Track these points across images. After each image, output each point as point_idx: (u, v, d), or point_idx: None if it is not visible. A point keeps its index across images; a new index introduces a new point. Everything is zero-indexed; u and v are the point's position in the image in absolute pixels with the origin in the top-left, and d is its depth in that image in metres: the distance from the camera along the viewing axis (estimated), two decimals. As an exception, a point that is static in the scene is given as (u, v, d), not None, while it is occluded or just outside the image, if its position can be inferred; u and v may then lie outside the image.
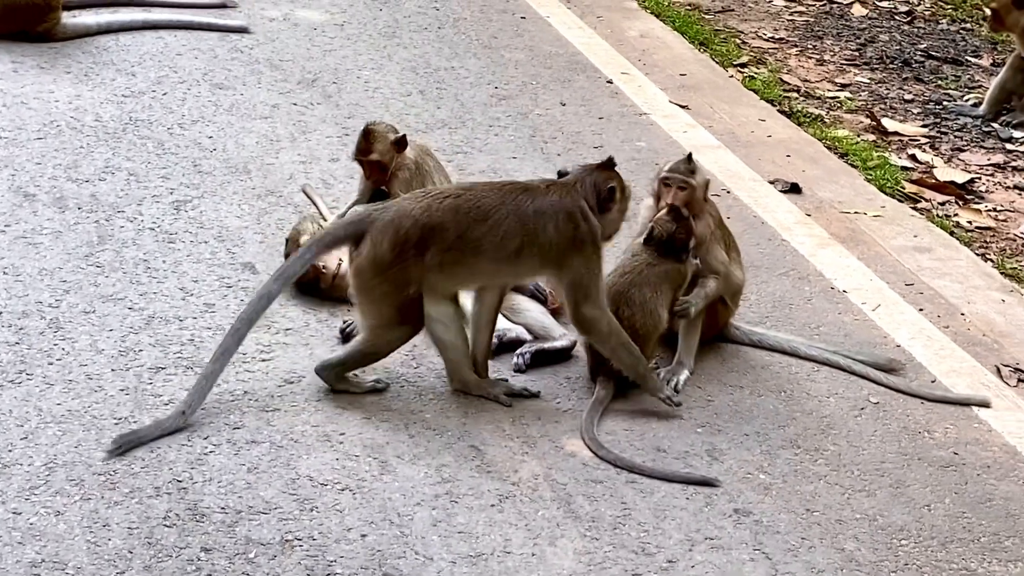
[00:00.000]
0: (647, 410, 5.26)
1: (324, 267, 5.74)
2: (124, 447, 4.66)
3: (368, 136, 6.13)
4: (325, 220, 6.29)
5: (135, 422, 4.81)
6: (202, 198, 6.62)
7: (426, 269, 5.04)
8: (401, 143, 6.13)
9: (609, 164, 5.31)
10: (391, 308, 5.08)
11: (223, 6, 9.47)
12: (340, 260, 5.75)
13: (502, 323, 5.65)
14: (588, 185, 5.21)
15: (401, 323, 5.12)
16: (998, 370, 5.89)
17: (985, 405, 5.56)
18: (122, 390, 5.01)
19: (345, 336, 5.50)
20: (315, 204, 6.58)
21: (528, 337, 5.61)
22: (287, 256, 5.82)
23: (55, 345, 5.25)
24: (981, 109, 9.54)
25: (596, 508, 4.63)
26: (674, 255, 5.43)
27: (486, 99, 8.45)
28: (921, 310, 6.34)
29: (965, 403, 5.57)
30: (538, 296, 5.81)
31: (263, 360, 5.32)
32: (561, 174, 5.30)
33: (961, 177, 8.34)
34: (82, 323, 5.42)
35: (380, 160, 6.11)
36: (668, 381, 5.42)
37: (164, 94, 7.86)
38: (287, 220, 6.41)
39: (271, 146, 7.33)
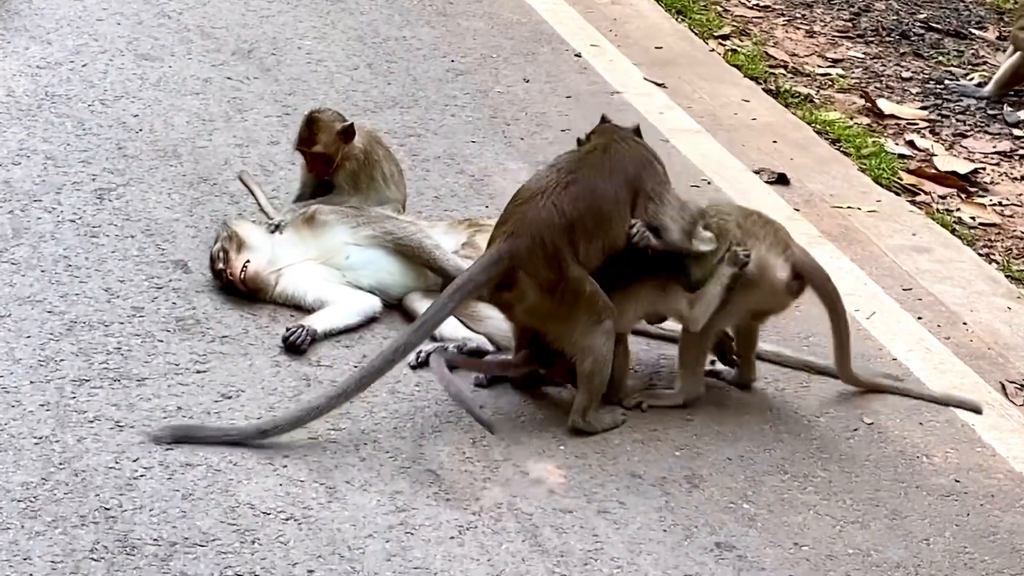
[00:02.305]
0: (622, 432, 5.35)
1: (230, 273, 5.81)
2: (177, 439, 4.92)
3: (312, 126, 6.21)
4: (266, 214, 6.37)
5: (57, 441, 4.86)
6: (128, 186, 6.66)
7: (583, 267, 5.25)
8: (348, 133, 6.21)
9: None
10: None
11: (148, -36, 9.47)
12: (247, 261, 5.82)
13: (461, 332, 5.74)
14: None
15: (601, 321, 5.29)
16: (1003, 387, 6.01)
17: (976, 411, 5.71)
18: (42, 405, 5.05)
19: (289, 345, 5.56)
20: (253, 194, 6.64)
21: (490, 348, 5.69)
22: (213, 273, 5.89)
23: (-33, 353, 5.31)
24: (986, 90, 9.68)
25: (565, 541, 4.71)
26: None
27: (441, 74, 8.51)
28: (920, 318, 6.46)
29: (957, 405, 5.75)
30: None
31: (198, 372, 5.38)
32: (581, 142, 5.55)
33: (964, 167, 8.48)
34: (-4, 328, 5.48)
35: (325, 152, 6.20)
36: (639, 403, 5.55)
37: (84, 65, 7.89)
38: (222, 212, 6.46)
39: (203, 126, 7.37)
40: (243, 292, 5.86)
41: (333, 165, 6.26)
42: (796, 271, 5.54)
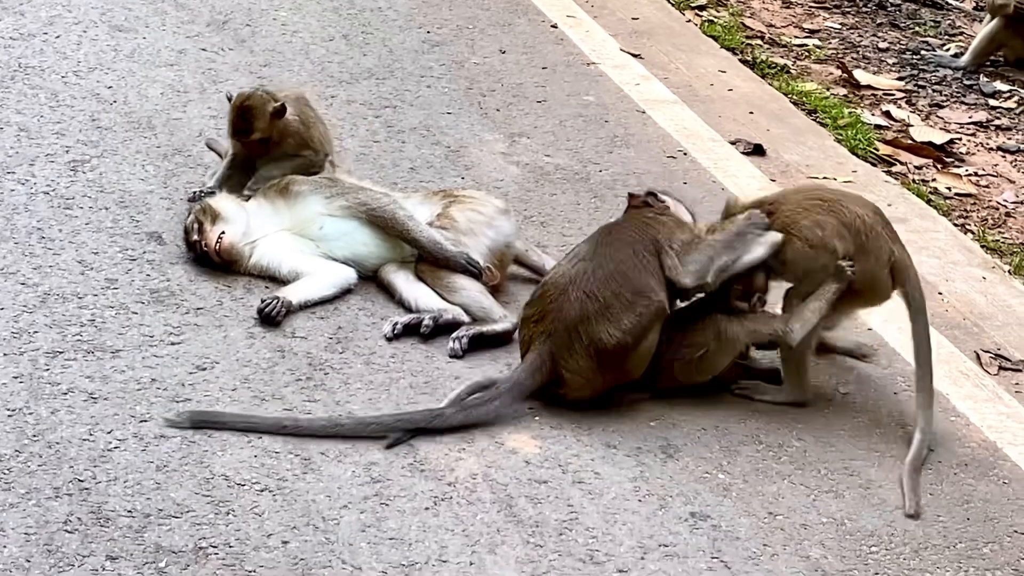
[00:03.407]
0: (596, 403, 5.35)
1: (206, 244, 5.81)
2: (195, 425, 4.90)
3: (246, 115, 6.19)
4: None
5: (31, 413, 4.85)
6: (101, 157, 6.65)
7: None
8: (280, 112, 6.20)
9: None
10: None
11: (122, -65, 9.44)
12: (223, 232, 5.82)
13: (437, 303, 5.75)
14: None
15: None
16: (978, 356, 6.04)
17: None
18: (16, 377, 5.04)
19: (263, 316, 5.56)
20: (222, 158, 6.64)
21: (465, 319, 5.68)
22: (187, 245, 5.90)
23: (-61, 326, 5.30)
24: (963, 60, 9.71)
25: (540, 511, 4.73)
26: None
27: (417, 45, 8.51)
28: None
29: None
30: (472, 271, 5.86)
31: (172, 344, 5.37)
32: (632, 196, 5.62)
33: (940, 137, 8.50)
34: (-31, 301, 5.47)
35: (263, 136, 6.19)
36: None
37: (57, 37, 7.86)
38: (197, 183, 6.45)
39: (178, 98, 7.36)
40: (218, 264, 5.86)
41: (270, 143, 6.26)
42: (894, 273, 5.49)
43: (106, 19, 8.19)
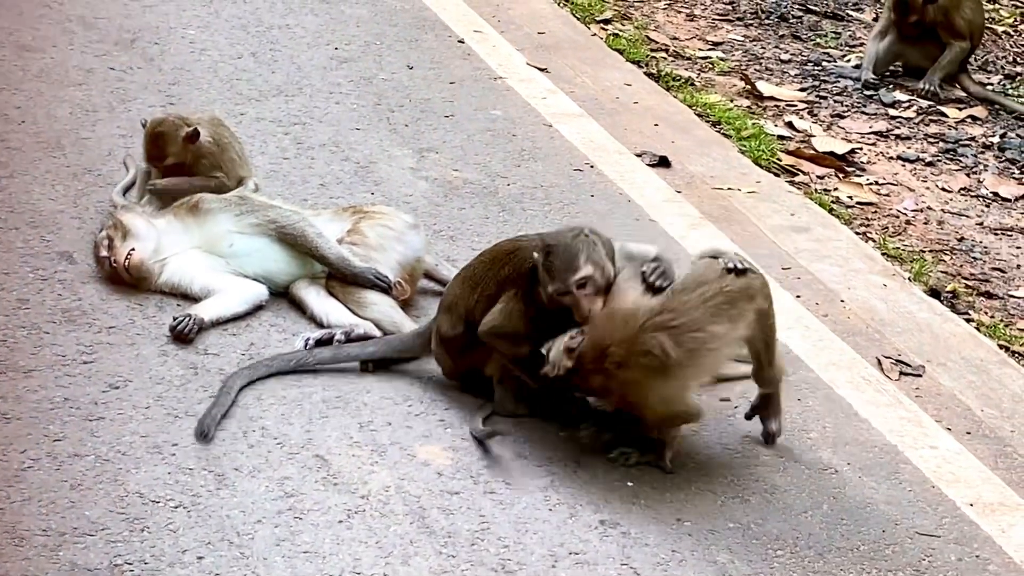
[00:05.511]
0: (508, 416, 5.41)
1: (115, 260, 5.84)
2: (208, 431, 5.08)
3: (158, 140, 6.29)
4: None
5: (-57, 435, 4.86)
6: (11, 178, 6.64)
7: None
8: (194, 137, 6.27)
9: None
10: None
11: (28, -46, 9.42)
12: (132, 249, 5.85)
13: (348, 318, 5.79)
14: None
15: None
16: (879, 362, 6.15)
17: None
18: (-72, 399, 5.05)
19: (176, 334, 5.58)
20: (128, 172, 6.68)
21: (377, 333, 5.73)
22: (97, 261, 5.92)
23: None
24: (863, 71, 9.85)
25: (452, 522, 4.78)
26: None
27: (325, 62, 8.54)
28: (799, 296, 6.58)
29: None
30: (380, 286, 5.90)
31: (84, 362, 5.38)
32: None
33: (841, 147, 8.64)
34: None
35: (176, 161, 6.26)
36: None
37: (-36, 57, 7.85)
38: (107, 202, 6.46)
39: (87, 117, 7.35)
40: (128, 281, 5.88)
41: (185, 167, 6.33)
42: None
43: (13, 39, 8.17)
